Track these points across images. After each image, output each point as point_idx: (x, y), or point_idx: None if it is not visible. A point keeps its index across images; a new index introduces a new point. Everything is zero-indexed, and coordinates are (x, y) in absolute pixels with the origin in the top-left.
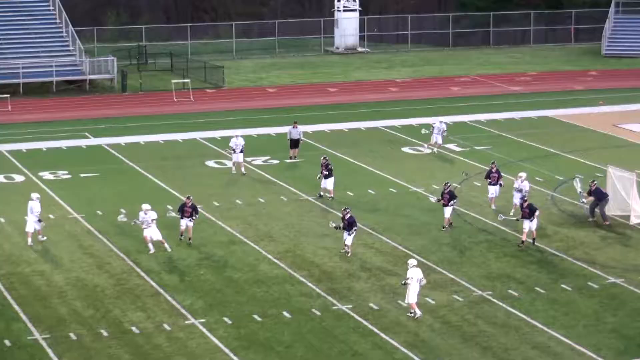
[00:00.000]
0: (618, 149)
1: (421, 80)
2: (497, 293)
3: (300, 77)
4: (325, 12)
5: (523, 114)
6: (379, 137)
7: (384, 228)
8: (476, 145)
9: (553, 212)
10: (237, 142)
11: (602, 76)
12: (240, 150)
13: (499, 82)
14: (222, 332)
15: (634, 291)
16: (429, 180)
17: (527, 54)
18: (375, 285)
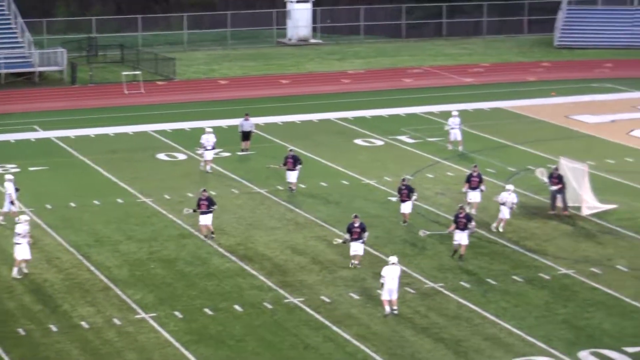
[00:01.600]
0: (570, 140)
1: (374, 72)
2: (449, 285)
3: (253, 69)
4: (277, 3)
5: (475, 105)
6: (331, 129)
7: (336, 220)
8: (429, 137)
9: None
10: (209, 138)
11: (554, 67)
12: (212, 147)
13: (452, 73)
14: (173, 326)
15: (584, 282)
16: (381, 172)
17: (479, 45)
18: (327, 278)
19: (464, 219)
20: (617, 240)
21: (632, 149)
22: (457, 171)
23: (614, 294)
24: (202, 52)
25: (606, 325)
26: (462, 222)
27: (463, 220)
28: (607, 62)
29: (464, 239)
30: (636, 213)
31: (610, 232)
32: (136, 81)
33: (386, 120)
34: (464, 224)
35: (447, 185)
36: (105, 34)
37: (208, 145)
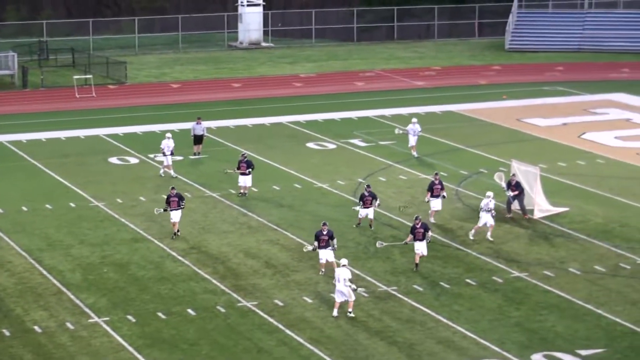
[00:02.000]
0: (522, 143)
1: (325, 75)
2: (402, 288)
3: (204, 73)
4: (228, 6)
5: (427, 108)
6: (283, 133)
7: (289, 224)
8: (381, 141)
9: (458, 207)
10: (169, 143)
11: (505, 70)
12: (171, 152)
13: (403, 77)
14: (126, 330)
15: (537, 285)
16: (333, 175)
17: (431, 48)
18: (281, 281)
19: (422, 229)
20: (569, 243)
21: (584, 152)
22: (409, 174)
23: (567, 296)
24: (153, 56)
25: (559, 328)
26: (419, 233)
27: (421, 230)
28: (558, 65)
29: (424, 249)
30: (588, 216)
31: (562, 235)
32: (87, 85)
33: (338, 124)
34: (421, 233)
35: (399, 188)
36: (56, 38)
37: (167, 151)
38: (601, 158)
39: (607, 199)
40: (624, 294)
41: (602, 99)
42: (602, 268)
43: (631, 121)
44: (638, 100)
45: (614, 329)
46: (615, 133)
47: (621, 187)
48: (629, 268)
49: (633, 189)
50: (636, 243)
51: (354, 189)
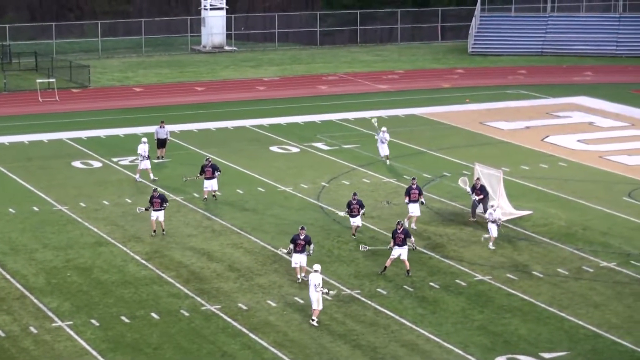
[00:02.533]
0: (485, 146)
1: (289, 79)
2: (366, 291)
3: (167, 76)
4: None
5: (390, 112)
6: (246, 136)
7: (252, 228)
8: (344, 144)
9: (422, 211)
10: (145, 148)
11: (468, 74)
12: (147, 157)
13: (367, 80)
14: (90, 334)
15: (500, 288)
16: (297, 179)
17: (394, 52)
18: (244, 285)
19: (402, 235)
20: (533, 246)
21: (547, 155)
22: (372, 177)
23: (530, 299)
24: (116, 60)
25: (522, 331)
26: (399, 238)
27: (401, 236)
28: (520, 68)
29: (404, 253)
30: (551, 219)
31: (525, 238)
32: (51, 89)
33: (302, 127)
34: (401, 239)
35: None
36: (19, 42)
37: (144, 155)
38: (564, 161)
39: (569, 202)
40: (587, 297)
41: (564, 103)
42: (564, 271)
43: (594, 124)
44: (600, 103)
45: (576, 331)
46: (577, 136)
47: (583, 190)
48: (591, 271)
49: (595, 192)
50: (599, 246)
51: (317, 192)
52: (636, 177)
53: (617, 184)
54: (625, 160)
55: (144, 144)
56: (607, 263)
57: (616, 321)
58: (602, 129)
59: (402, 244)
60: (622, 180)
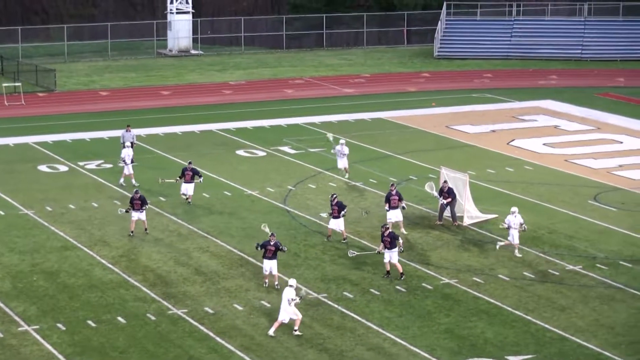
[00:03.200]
0: (451, 150)
1: (255, 83)
2: (333, 295)
3: (133, 80)
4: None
5: (357, 115)
6: (213, 140)
7: (219, 231)
8: (310, 148)
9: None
10: (129, 152)
11: (434, 78)
12: (131, 161)
13: (333, 84)
14: (56, 338)
15: (467, 291)
16: (263, 182)
17: (360, 55)
18: (211, 289)
19: (389, 238)
20: (499, 250)
21: (512, 159)
22: (339, 181)
23: (496, 303)
24: (82, 64)
25: (489, 334)
26: (387, 241)
27: (387, 239)
28: (486, 72)
29: (394, 257)
30: None
31: (491, 242)
32: (17, 93)
33: (268, 131)
34: (388, 242)
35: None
36: None
37: (128, 159)
38: (529, 165)
39: (535, 206)
40: (553, 300)
41: (530, 106)
42: (531, 274)
43: (559, 128)
44: (566, 106)
45: (543, 335)
46: (543, 140)
47: (549, 194)
48: (557, 274)
49: (561, 196)
50: (564, 249)
51: (283, 195)
52: (601, 181)
53: (583, 188)
54: (591, 163)
55: (128, 148)
56: (572, 266)
57: (582, 324)
58: (568, 132)
59: (390, 247)
60: (587, 184)
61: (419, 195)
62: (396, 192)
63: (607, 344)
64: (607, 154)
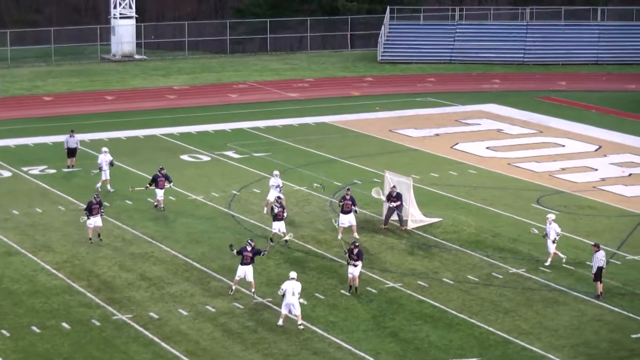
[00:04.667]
0: (395, 154)
1: (199, 88)
2: (278, 299)
3: (77, 85)
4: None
5: (301, 120)
6: (157, 145)
7: (163, 237)
8: (255, 152)
9: (332, 218)
10: (106, 158)
11: (378, 82)
12: (110, 163)
13: (277, 88)
14: (0, 344)
15: (411, 295)
16: (208, 187)
17: (304, 60)
18: (156, 294)
19: (357, 256)
20: (443, 253)
21: (456, 163)
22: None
23: (441, 306)
24: (26, 69)
25: (433, 338)
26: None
27: (355, 257)
28: (429, 76)
29: (357, 271)
30: (460, 226)
31: (435, 245)
32: None
33: (212, 136)
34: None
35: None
36: None
37: (105, 166)
38: (473, 168)
39: (479, 209)
40: (497, 303)
41: (473, 110)
42: (475, 277)
43: (502, 132)
44: (509, 110)
45: (487, 338)
46: (486, 143)
47: (492, 197)
48: (501, 277)
49: (504, 199)
50: (508, 253)
51: (228, 200)
52: (544, 184)
53: (526, 191)
54: (534, 167)
55: (105, 154)
56: (516, 269)
57: (526, 327)
58: (511, 136)
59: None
60: (530, 187)
61: (363, 199)
62: (350, 196)
63: (550, 347)
64: (549, 157)
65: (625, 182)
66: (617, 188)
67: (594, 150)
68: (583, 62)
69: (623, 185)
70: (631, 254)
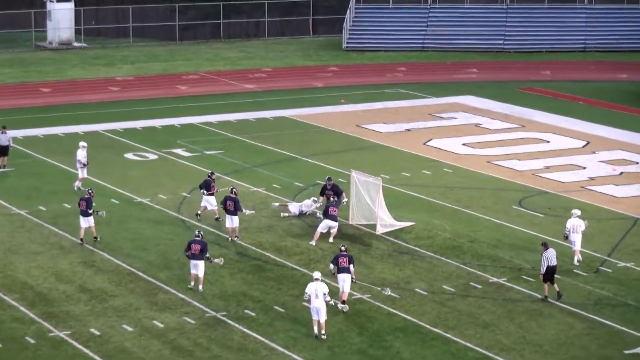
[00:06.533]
0: (362, 151)
1: (145, 78)
2: (232, 314)
3: (9, 76)
4: (36, 3)
5: (258, 114)
6: (98, 142)
7: (105, 244)
8: (207, 150)
9: (294, 223)
10: (85, 154)
11: (343, 72)
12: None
13: (231, 79)
14: None
15: (381, 307)
16: (155, 189)
17: (261, 48)
18: (97, 308)
19: (346, 258)
20: (416, 261)
21: (430, 161)
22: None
23: (413, 319)
24: None
25: (405, 354)
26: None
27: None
28: (400, 65)
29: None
30: (435, 231)
31: (407, 252)
32: None
33: (160, 132)
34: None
35: None
36: None
37: (84, 160)
38: (448, 167)
39: (455, 212)
40: (475, 316)
41: (448, 102)
42: (451, 288)
43: (480, 126)
44: (487, 103)
45: (465, 354)
46: (463, 139)
47: (470, 199)
48: (480, 287)
49: (483, 201)
50: (487, 260)
51: (177, 203)
52: (527, 184)
53: (507, 192)
54: (515, 165)
55: (82, 149)
56: (496, 279)
57: (507, 342)
58: (490, 131)
59: (346, 271)
60: (511, 187)
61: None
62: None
63: None
64: (532, 154)
65: (616, 181)
66: (607, 188)
67: (581, 146)
68: (569, 49)
69: (614, 185)
70: (623, 260)
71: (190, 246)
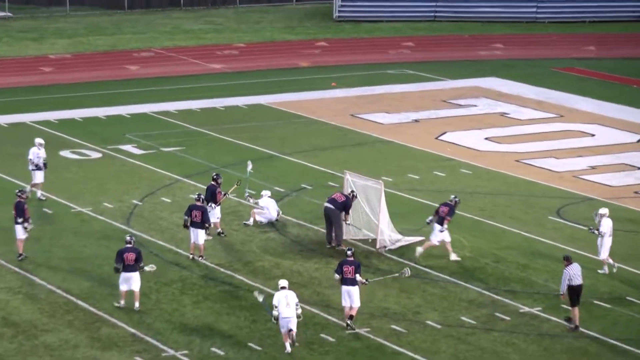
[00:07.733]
0: (358, 147)
1: (85, 57)
2: (196, 352)
3: None
4: None
5: (227, 101)
6: (27, 137)
7: (36, 264)
8: (163, 146)
9: (272, 238)
10: (41, 153)
11: (334, 48)
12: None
13: (195, 57)
14: None
15: (383, 345)
16: (98, 195)
17: (231, 18)
18: (25, 345)
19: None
20: (426, 286)
21: (443, 160)
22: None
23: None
24: None
25: None
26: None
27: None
28: (406, 40)
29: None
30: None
31: (416, 275)
32: None
33: (104, 124)
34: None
35: None
36: None
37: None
38: (467, 167)
39: (476, 224)
40: (502, 355)
41: (467, 86)
42: (471, 320)
43: (507, 116)
44: (516, 86)
45: None
46: (486, 133)
47: (495, 207)
48: (507, 319)
49: (511, 210)
50: (517, 284)
51: (126, 213)
52: (566, 188)
53: (541, 198)
54: (552, 165)
55: (40, 148)
56: (528, 308)
57: None
58: (519, 122)
59: (352, 283)
60: (547, 193)
61: (314, 211)
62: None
63: None
64: (573, 151)
65: None
66: None
67: (635, 141)
68: (620, 18)
69: None
70: None
71: (123, 256)
